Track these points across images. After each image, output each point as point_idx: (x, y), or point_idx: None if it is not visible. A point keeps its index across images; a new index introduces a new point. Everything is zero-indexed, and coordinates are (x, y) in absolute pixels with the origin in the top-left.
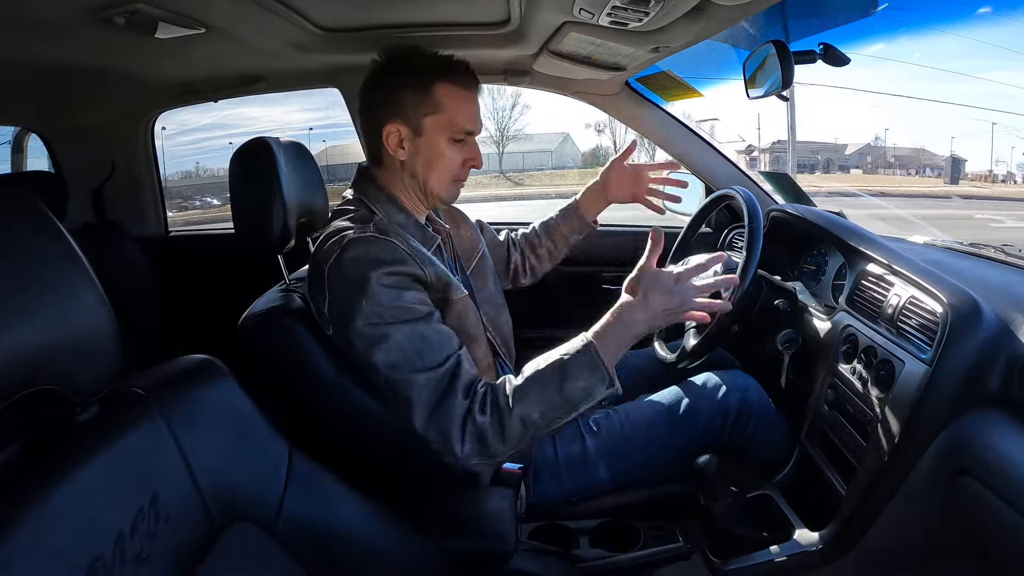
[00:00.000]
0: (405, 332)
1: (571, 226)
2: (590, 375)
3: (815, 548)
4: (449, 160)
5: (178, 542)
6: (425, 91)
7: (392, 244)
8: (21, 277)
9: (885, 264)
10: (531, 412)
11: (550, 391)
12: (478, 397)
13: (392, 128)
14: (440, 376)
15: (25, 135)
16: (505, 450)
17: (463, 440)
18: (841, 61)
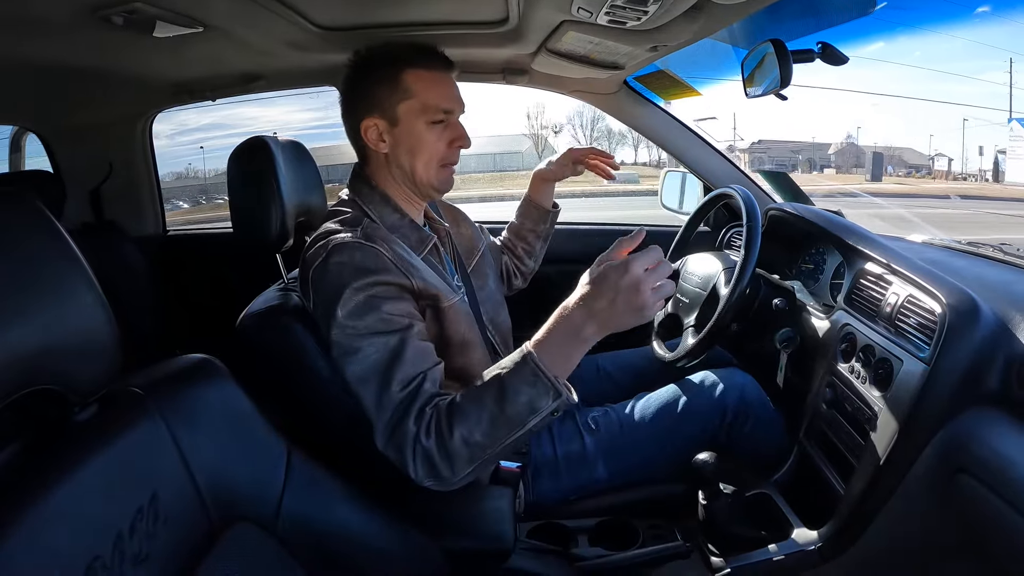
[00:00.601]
0: (378, 346)
1: (532, 218)
2: (531, 388)
3: (814, 547)
4: (431, 144)
5: (177, 542)
6: (394, 80)
7: (376, 251)
8: (20, 277)
9: (883, 263)
10: (472, 434)
11: (490, 409)
12: (424, 419)
13: (369, 123)
14: (402, 398)
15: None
16: (456, 473)
17: (415, 463)
18: (839, 60)
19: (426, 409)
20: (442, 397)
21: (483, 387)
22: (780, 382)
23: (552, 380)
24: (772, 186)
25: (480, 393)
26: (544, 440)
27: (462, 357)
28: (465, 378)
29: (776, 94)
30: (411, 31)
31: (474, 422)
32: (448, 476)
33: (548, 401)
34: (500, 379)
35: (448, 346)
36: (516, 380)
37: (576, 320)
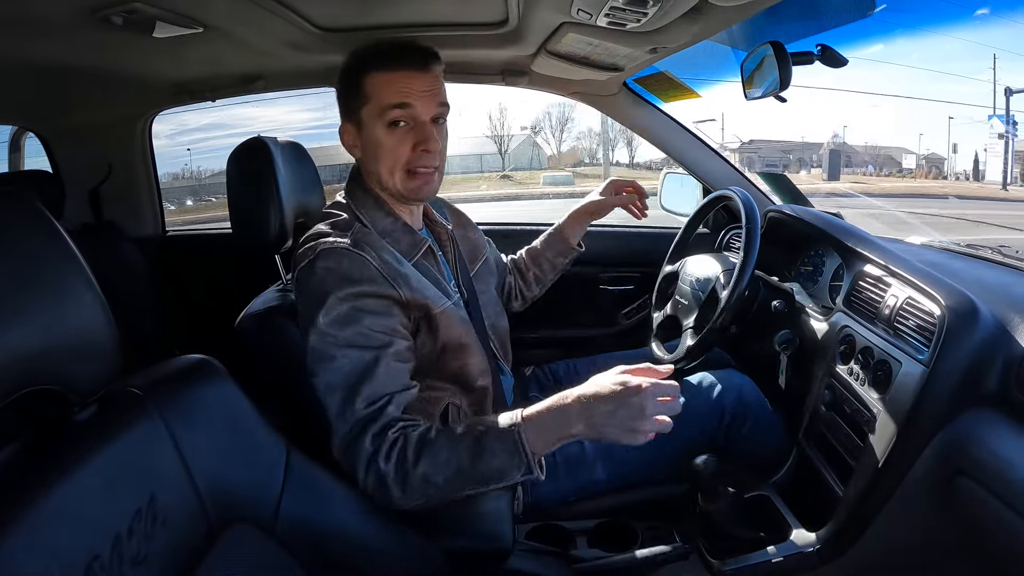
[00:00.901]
0: (352, 359)
1: (555, 250)
2: (507, 457)
3: (812, 549)
4: (391, 149)
5: (176, 544)
6: (356, 87)
7: (363, 260)
8: (19, 277)
9: (882, 265)
10: (436, 475)
11: (460, 460)
12: (387, 442)
13: (344, 128)
14: (365, 415)
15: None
16: (405, 501)
17: (366, 478)
18: (839, 62)
19: (388, 433)
20: (411, 424)
21: (461, 436)
22: (782, 384)
23: (529, 457)
24: (771, 188)
25: (456, 441)
26: None
27: (459, 360)
28: (463, 380)
29: (776, 96)
30: (410, 32)
31: (441, 465)
32: (396, 498)
33: (518, 474)
34: (480, 437)
35: (444, 350)
36: (496, 444)
37: (571, 414)
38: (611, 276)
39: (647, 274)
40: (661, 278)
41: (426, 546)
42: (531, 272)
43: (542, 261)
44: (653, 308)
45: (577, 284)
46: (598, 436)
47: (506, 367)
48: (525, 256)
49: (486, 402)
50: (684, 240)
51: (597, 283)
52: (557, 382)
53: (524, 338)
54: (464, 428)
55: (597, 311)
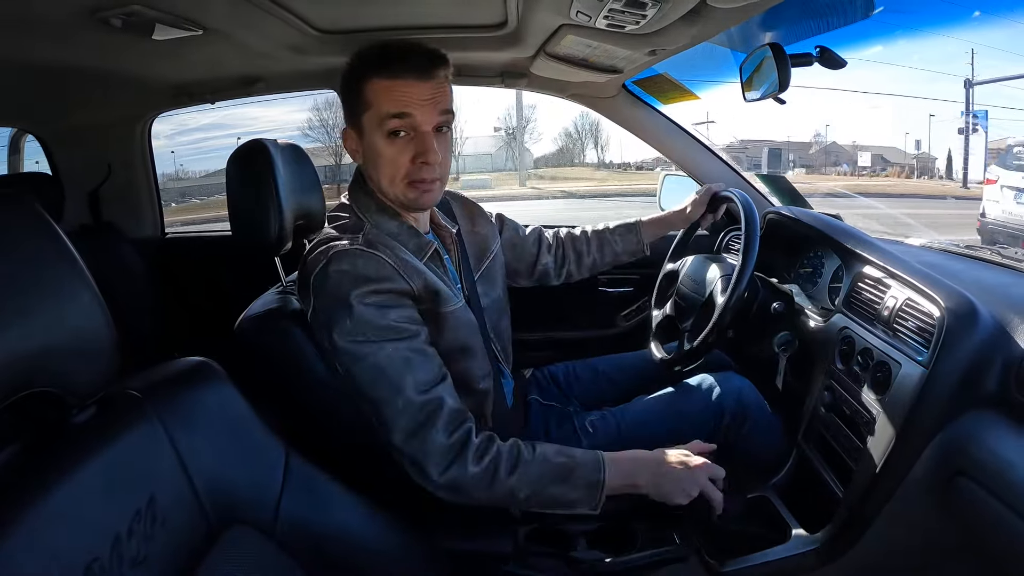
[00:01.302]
0: (388, 351)
1: (626, 246)
2: (585, 492)
3: (812, 550)
4: (391, 159)
5: (175, 545)
6: (356, 92)
7: (378, 258)
8: (17, 279)
9: (882, 266)
10: (521, 490)
11: (548, 482)
12: (473, 446)
13: (346, 133)
14: (420, 405)
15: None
16: (480, 502)
17: (441, 475)
18: (838, 64)
19: (472, 437)
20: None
21: (555, 463)
22: (779, 385)
23: (601, 500)
24: (770, 189)
25: (549, 466)
26: None
27: (462, 363)
28: (464, 383)
29: (775, 98)
30: (410, 35)
31: (529, 482)
32: (473, 498)
33: (585, 508)
34: (572, 468)
35: (448, 352)
36: (582, 479)
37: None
38: (610, 278)
39: (646, 276)
40: (662, 276)
41: (426, 548)
42: (591, 257)
43: (607, 251)
44: (653, 306)
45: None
46: (655, 486)
47: (507, 370)
48: (591, 239)
49: (486, 404)
50: (683, 242)
51: (596, 285)
52: (557, 385)
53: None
54: (555, 455)
55: (596, 313)
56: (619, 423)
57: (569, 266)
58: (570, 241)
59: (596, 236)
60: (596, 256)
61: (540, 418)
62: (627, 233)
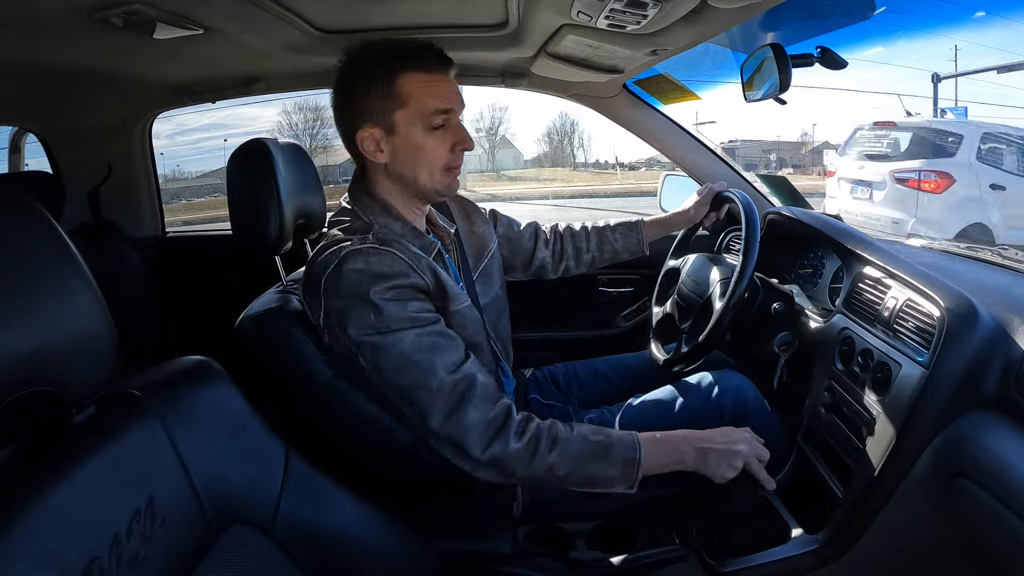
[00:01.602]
0: (411, 338)
1: (627, 244)
2: (622, 470)
3: (812, 550)
4: (431, 151)
5: (174, 545)
6: (388, 87)
7: (392, 255)
8: (18, 278)
9: (882, 267)
10: (561, 467)
11: (586, 459)
12: (514, 422)
13: (365, 133)
14: (453, 383)
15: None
16: (519, 479)
17: (483, 451)
18: (838, 65)
19: (512, 410)
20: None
21: (593, 440)
22: (775, 385)
23: (637, 478)
24: (771, 190)
25: (587, 443)
26: None
27: None
28: None
29: (775, 98)
30: (410, 34)
31: (569, 459)
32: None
33: (621, 487)
34: (609, 446)
35: None
36: (619, 456)
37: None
38: (610, 278)
39: (647, 276)
40: (663, 273)
41: (425, 548)
42: (590, 254)
43: (606, 249)
44: (654, 303)
45: (576, 285)
46: (702, 464)
47: (508, 369)
48: (591, 235)
49: None
50: (684, 243)
51: (596, 284)
52: (556, 385)
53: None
54: (592, 434)
55: (596, 313)
56: (616, 422)
57: (567, 261)
58: (570, 236)
59: (596, 233)
60: (595, 253)
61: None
62: (628, 232)
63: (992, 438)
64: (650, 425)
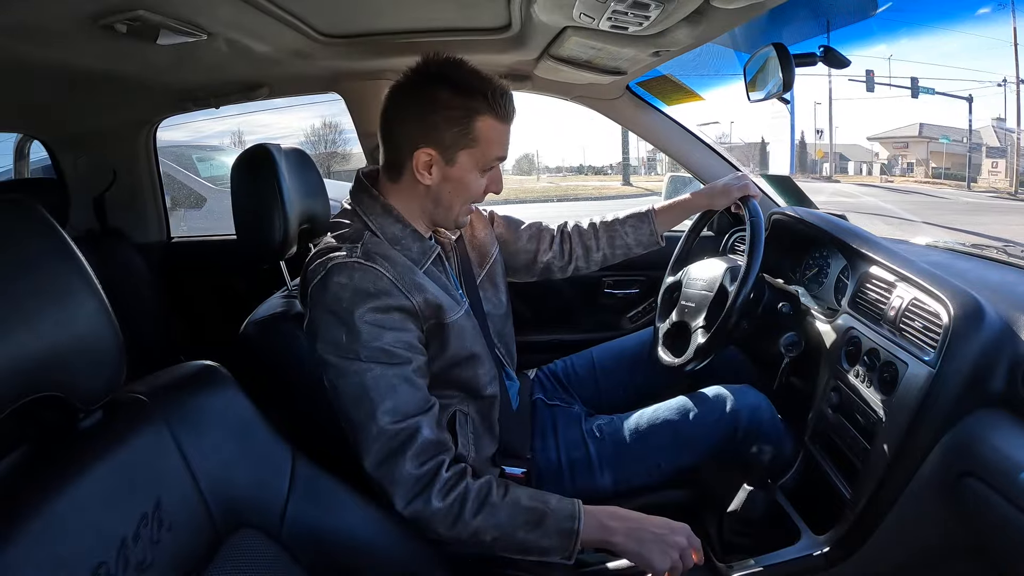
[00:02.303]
0: (376, 373)
1: (639, 237)
2: (558, 542)
3: (820, 551)
4: (474, 188)
5: (181, 549)
6: (466, 125)
7: (376, 272)
8: (24, 284)
9: (887, 266)
10: (487, 532)
11: (517, 528)
12: (441, 481)
13: (423, 154)
14: (394, 433)
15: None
16: (445, 539)
17: (406, 506)
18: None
19: (442, 471)
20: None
21: (525, 508)
22: (775, 387)
23: (575, 550)
24: (775, 190)
25: (518, 511)
26: (549, 446)
27: (469, 371)
28: (471, 389)
29: (779, 98)
30: (414, 39)
31: (496, 526)
32: (437, 532)
33: (557, 557)
34: (543, 516)
35: (455, 360)
36: (554, 528)
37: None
38: (615, 280)
39: (652, 278)
40: (664, 289)
41: (431, 552)
42: (600, 252)
43: (618, 244)
44: (657, 319)
45: (581, 287)
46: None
47: (512, 373)
48: (600, 232)
49: (493, 409)
50: (689, 242)
51: (601, 286)
52: (558, 382)
53: (528, 342)
54: (527, 500)
55: (601, 315)
56: (628, 429)
57: (577, 262)
58: (577, 235)
59: (605, 228)
60: (607, 250)
61: (547, 418)
62: (639, 223)
63: (1000, 437)
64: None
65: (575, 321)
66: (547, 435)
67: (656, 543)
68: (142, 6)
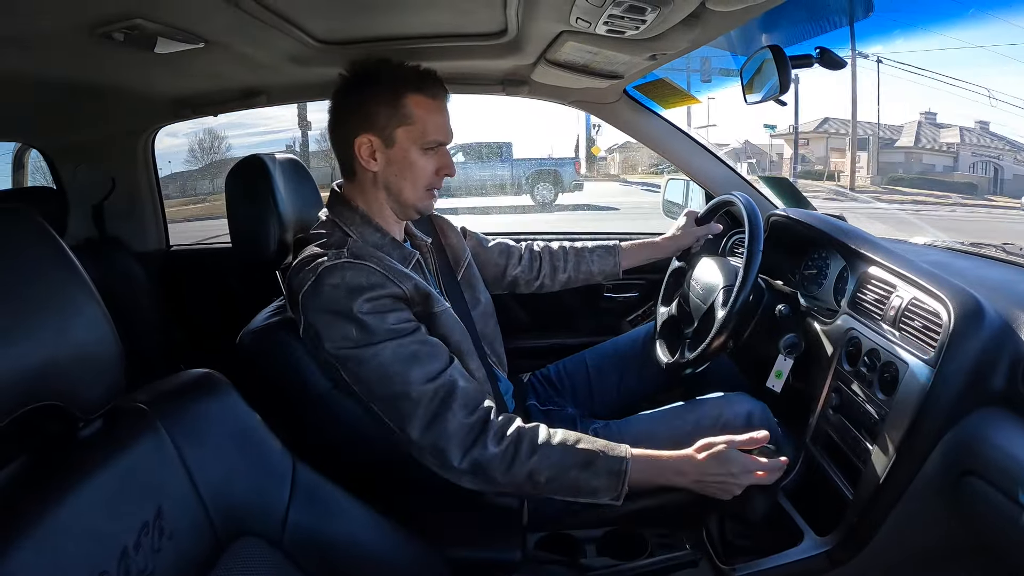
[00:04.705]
0: (391, 348)
1: (603, 267)
2: (607, 480)
3: (823, 552)
4: (421, 169)
5: (183, 557)
6: (396, 103)
7: (367, 268)
8: (23, 293)
9: (886, 266)
10: (541, 473)
11: (570, 467)
12: (493, 426)
13: (364, 139)
14: (433, 392)
15: (26, 151)
16: (501, 486)
17: (463, 459)
18: (837, 65)
19: (491, 415)
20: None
21: (578, 447)
22: (771, 386)
23: (623, 490)
24: (773, 192)
25: (570, 450)
26: None
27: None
28: None
29: (776, 100)
30: (410, 44)
31: (551, 465)
32: (495, 481)
33: (606, 498)
34: (595, 455)
35: None
36: (604, 466)
37: (687, 466)
38: (615, 284)
39: (652, 281)
40: (669, 273)
41: (434, 557)
42: (566, 273)
43: (583, 269)
44: (660, 303)
45: (581, 291)
46: (699, 487)
47: (501, 373)
48: (569, 255)
49: None
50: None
51: (601, 290)
52: (552, 385)
53: (527, 347)
54: (577, 439)
55: (600, 319)
56: (622, 434)
57: (544, 279)
58: (548, 255)
59: (575, 253)
60: (572, 273)
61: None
62: (606, 255)
63: (1001, 435)
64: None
65: (574, 325)
66: None
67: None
68: (139, 15)
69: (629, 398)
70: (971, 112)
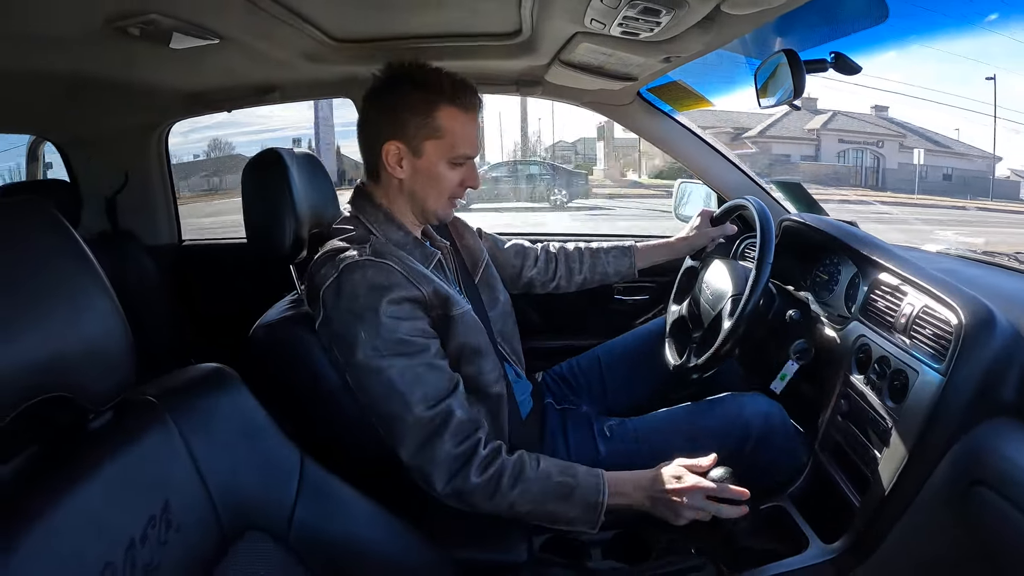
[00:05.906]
0: (400, 367)
1: (618, 268)
2: (583, 513)
3: (829, 560)
4: (447, 182)
5: (189, 551)
6: (427, 113)
7: (388, 267)
8: (35, 284)
9: (898, 273)
10: (522, 505)
11: (548, 500)
12: (479, 458)
13: (392, 146)
14: (429, 419)
15: (40, 144)
16: (485, 511)
17: (446, 485)
18: (852, 69)
19: (480, 446)
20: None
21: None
22: (773, 387)
23: (599, 519)
24: (786, 197)
25: (550, 485)
26: (559, 448)
27: (474, 366)
28: (478, 387)
29: (790, 104)
30: (425, 43)
31: (531, 498)
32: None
33: (583, 527)
34: (572, 489)
35: (461, 356)
36: (581, 499)
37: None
38: (626, 286)
39: (662, 284)
40: (682, 272)
41: (441, 557)
42: (582, 275)
43: (598, 271)
44: (672, 301)
45: (592, 293)
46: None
47: (521, 372)
48: (584, 257)
49: (502, 409)
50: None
51: (612, 292)
52: (566, 383)
53: (538, 347)
54: (558, 474)
55: (612, 321)
56: (637, 431)
57: (559, 280)
58: (564, 257)
59: (590, 255)
60: (587, 274)
61: (557, 421)
62: (621, 256)
63: (1011, 446)
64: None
65: (586, 326)
66: (556, 437)
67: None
68: (155, 10)
69: (641, 394)
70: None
